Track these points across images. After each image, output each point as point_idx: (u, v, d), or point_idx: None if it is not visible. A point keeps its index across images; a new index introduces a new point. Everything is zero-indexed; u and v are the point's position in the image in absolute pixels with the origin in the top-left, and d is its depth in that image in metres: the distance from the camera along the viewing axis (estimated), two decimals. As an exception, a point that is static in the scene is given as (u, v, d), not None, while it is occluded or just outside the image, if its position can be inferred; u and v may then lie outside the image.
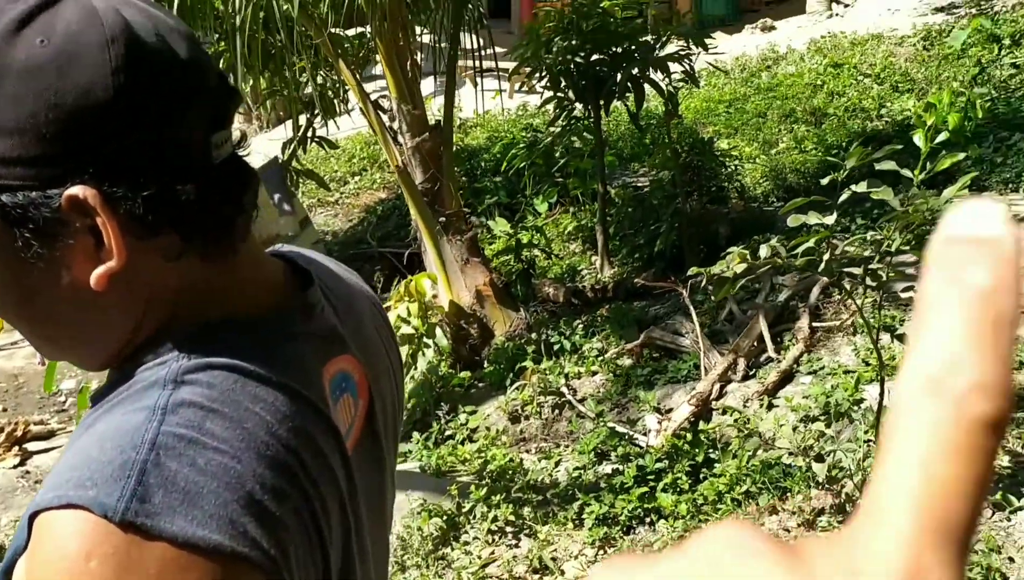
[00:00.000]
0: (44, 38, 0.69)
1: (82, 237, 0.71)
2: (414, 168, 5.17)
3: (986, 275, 0.21)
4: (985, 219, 0.22)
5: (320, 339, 0.85)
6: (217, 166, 0.76)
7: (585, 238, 7.08)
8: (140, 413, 0.71)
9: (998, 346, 0.20)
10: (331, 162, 9.69)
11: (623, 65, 5.82)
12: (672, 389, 4.52)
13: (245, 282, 0.82)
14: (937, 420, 0.20)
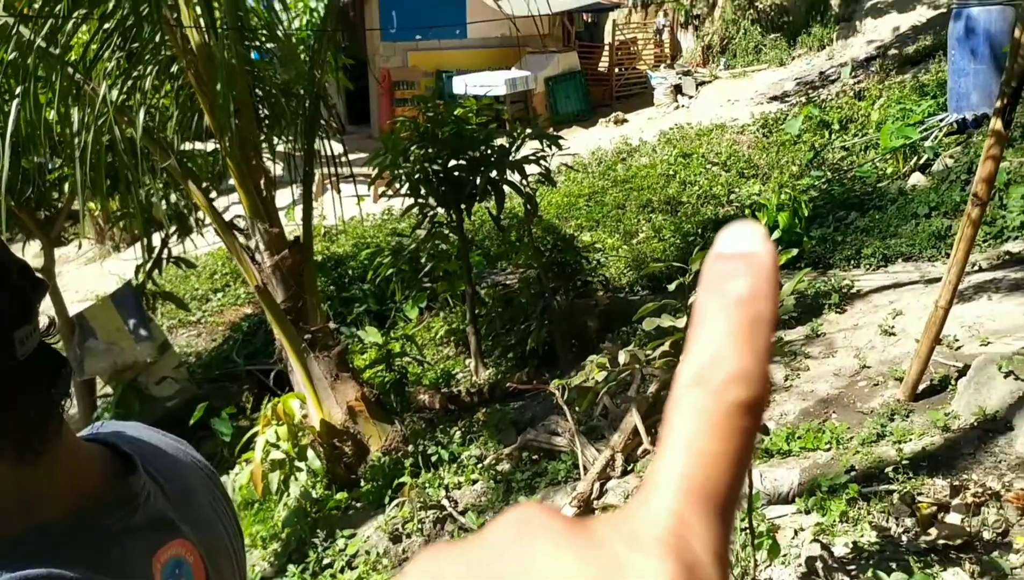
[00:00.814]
0: None
1: None
2: (275, 287, 5.03)
3: (744, 285, 0.25)
4: (746, 238, 0.25)
5: (147, 529, 0.82)
6: (22, 363, 0.72)
7: (458, 341, 7.05)
8: None
9: (755, 344, 0.24)
10: (191, 280, 9.38)
11: (481, 169, 5.92)
12: (553, 491, 4.46)
13: (61, 483, 0.78)
14: (702, 406, 0.23)
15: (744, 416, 0.23)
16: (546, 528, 0.23)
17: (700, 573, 0.22)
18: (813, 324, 5.30)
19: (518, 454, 4.79)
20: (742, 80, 14.51)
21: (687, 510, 0.23)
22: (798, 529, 3.38)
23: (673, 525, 0.23)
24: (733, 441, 0.23)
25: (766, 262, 0.25)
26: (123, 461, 0.84)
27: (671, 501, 0.23)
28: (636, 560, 0.22)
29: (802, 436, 4.13)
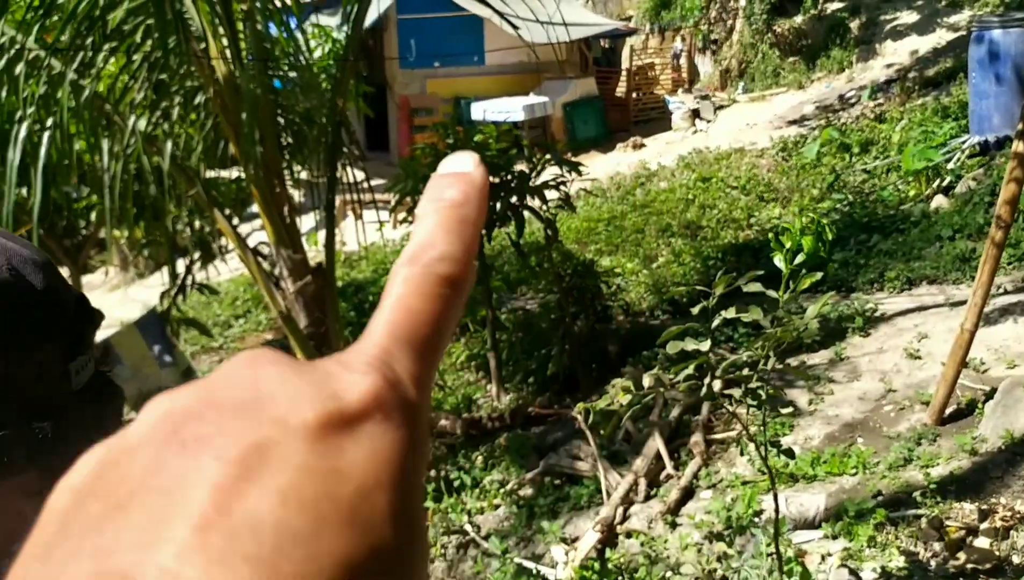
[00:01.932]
0: None
1: None
2: (298, 312, 5.07)
3: (456, 193, 0.30)
4: (461, 162, 0.31)
5: None
6: (77, 394, 0.73)
7: (478, 366, 7.06)
8: None
9: (463, 236, 0.29)
10: (213, 307, 9.46)
11: (501, 195, 5.95)
12: (576, 516, 4.45)
13: None
14: (413, 275, 0.28)
15: (447, 286, 0.28)
16: (272, 359, 0.26)
17: (401, 389, 0.26)
18: (837, 348, 5.27)
19: (540, 479, 4.78)
20: (760, 104, 14.54)
21: (392, 345, 0.27)
22: (825, 554, 3.35)
23: (379, 352, 0.26)
24: (436, 303, 0.28)
25: (476, 177, 0.31)
26: None
27: (378, 338, 0.27)
28: (346, 375, 0.25)
29: (827, 461, 4.10)
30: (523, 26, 5.70)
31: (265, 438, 0.24)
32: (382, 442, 0.25)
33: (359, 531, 0.23)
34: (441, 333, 0.28)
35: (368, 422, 0.25)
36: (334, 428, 0.24)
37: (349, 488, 0.23)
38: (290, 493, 0.23)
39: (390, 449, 0.25)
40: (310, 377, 0.25)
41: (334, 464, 0.24)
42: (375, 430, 0.25)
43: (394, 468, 0.25)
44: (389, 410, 0.25)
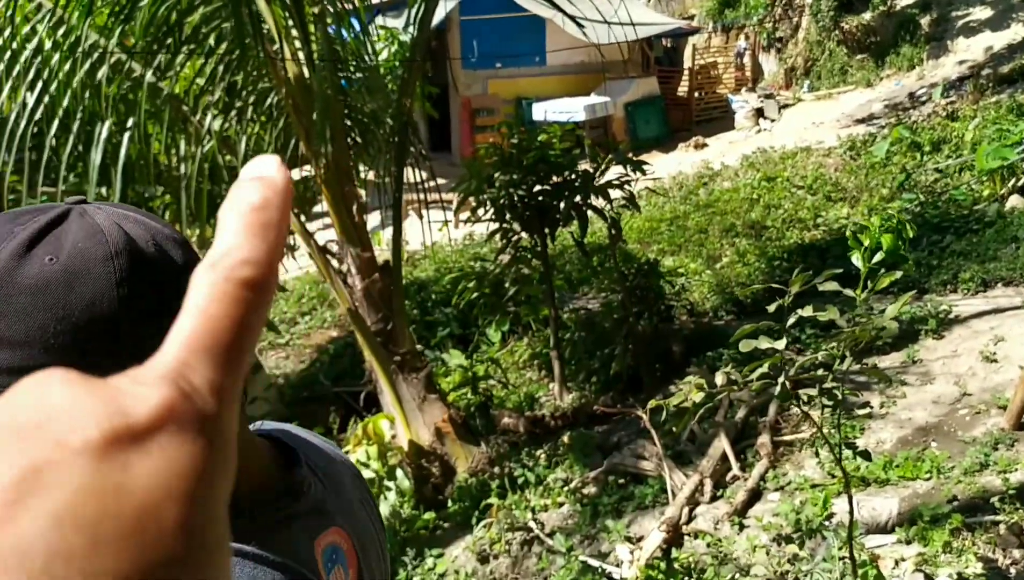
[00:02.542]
0: (52, 256, 0.73)
1: None
2: (365, 309, 5.15)
3: (258, 196, 0.30)
4: (263, 166, 0.31)
5: (309, 517, 0.88)
6: None
7: (541, 365, 7.07)
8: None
9: (266, 239, 0.29)
10: (280, 304, 9.65)
11: (565, 194, 5.96)
12: (641, 515, 4.43)
13: (241, 466, 0.84)
14: (213, 281, 0.28)
15: (248, 290, 0.28)
16: (63, 378, 0.26)
17: (197, 399, 0.26)
18: (910, 350, 5.16)
19: (604, 477, 4.78)
20: (827, 102, 14.28)
21: (190, 356, 0.27)
22: (899, 559, 3.29)
23: (174, 365, 0.26)
24: (237, 308, 0.28)
25: (278, 181, 0.31)
26: (286, 455, 0.92)
27: (175, 349, 0.27)
28: (136, 389, 0.25)
29: (900, 464, 4.02)
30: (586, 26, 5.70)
31: (44, 460, 0.23)
32: (174, 455, 0.25)
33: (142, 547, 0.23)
34: (244, 338, 0.28)
35: (159, 435, 0.25)
36: (120, 444, 0.24)
37: (133, 504, 0.23)
38: (65, 514, 0.22)
39: (182, 462, 0.25)
40: (99, 394, 0.25)
41: (118, 480, 0.23)
42: (167, 443, 0.25)
43: (186, 481, 0.25)
44: (182, 422, 0.25)
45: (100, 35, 4.81)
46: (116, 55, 4.80)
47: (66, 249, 0.74)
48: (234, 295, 0.28)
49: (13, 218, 0.76)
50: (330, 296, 9.68)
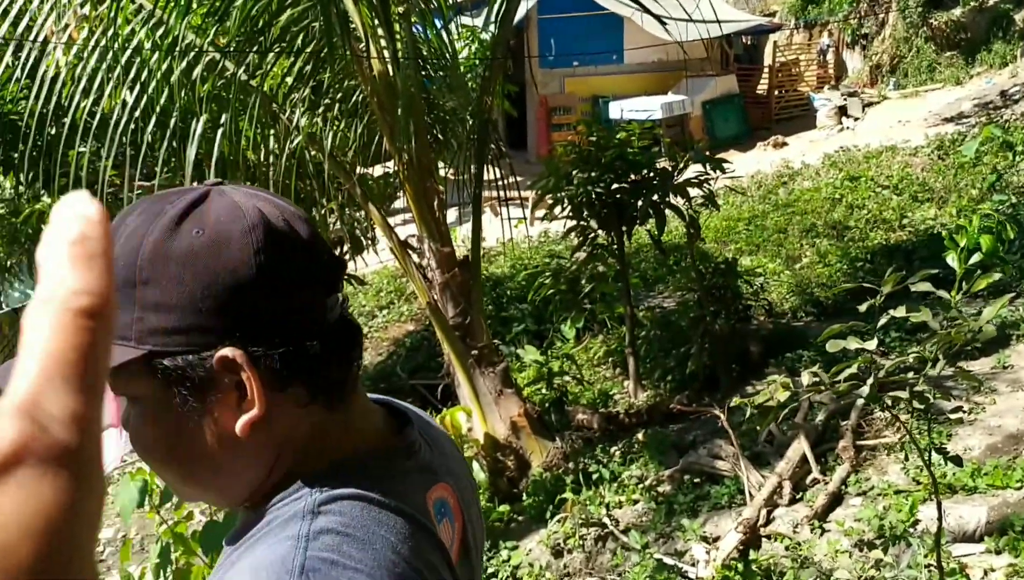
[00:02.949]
0: (199, 229, 0.83)
1: (229, 391, 0.84)
2: (444, 303, 5.23)
3: (74, 232, 0.31)
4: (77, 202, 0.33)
5: (420, 473, 0.96)
6: (331, 325, 0.88)
7: (615, 363, 7.07)
8: (286, 542, 0.80)
9: (95, 269, 0.30)
10: (359, 297, 9.84)
11: (643, 192, 5.95)
12: (717, 516, 4.41)
13: (358, 426, 0.94)
14: (52, 314, 0.29)
15: (88, 318, 0.29)
16: None
17: (55, 430, 0.26)
18: (1000, 356, 5.01)
19: (680, 476, 4.77)
20: (913, 100, 13.88)
21: (42, 387, 0.27)
22: (988, 569, 3.21)
23: (27, 398, 0.27)
24: (83, 336, 0.29)
25: (91, 214, 0.32)
26: (398, 419, 1.00)
27: (26, 383, 0.28)
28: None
29: (989, 472, 3.91)
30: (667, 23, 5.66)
31: None
32: (32, 491, 0.25)
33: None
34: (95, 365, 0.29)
35: (15, 472, 0.25)
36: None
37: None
38: None
39: (41, 497, 0.25)
40: None
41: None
42: (24, 479, 0.25)
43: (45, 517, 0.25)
44: (40, 456, 0.26)
45: (196, 35, 4.99)
46: (210, 54, 4.98)
47: (211, 223, 0.83)
48: (76, 324, 0.29)
49: (161, 198, 0.86)
50: (407, 291, 9.84)
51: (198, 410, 0.84)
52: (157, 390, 0.84)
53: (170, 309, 0.82)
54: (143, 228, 0.84)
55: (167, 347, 0.83)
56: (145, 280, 0.82)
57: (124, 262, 0.83)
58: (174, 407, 0.84)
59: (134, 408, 0.88)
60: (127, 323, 0.83)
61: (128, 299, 0.83)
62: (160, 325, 0.82)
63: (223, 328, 0.82)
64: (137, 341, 0.83)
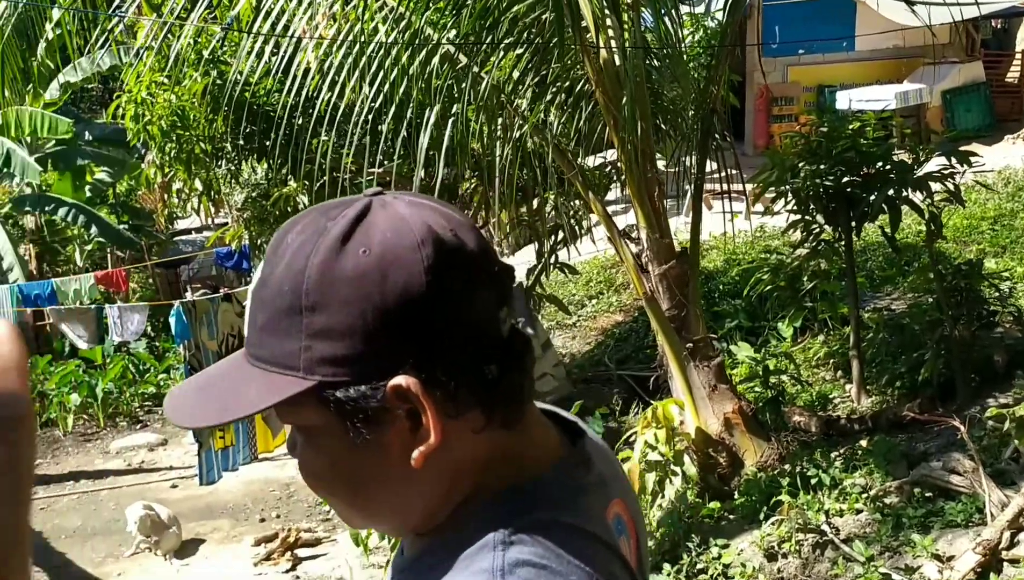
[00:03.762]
0: (365, 248, 0.78)
1: (402, 421, 0.79)
2: (661, 295, 5.20)
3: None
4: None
5: (598, 487, 0.91)
6: (506, 339, 0.83)
7: (836, 365, 6.74)
8: (479, 576, 0.76)
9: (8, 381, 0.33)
10: (569, 286, 9.97)
11: (878, 186, 5.62)
12: (951, 533, 4.11)
13: (536, 442, 0.89)
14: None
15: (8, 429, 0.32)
16: None
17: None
18: None
19: (910, 488, 4.48)
20: None
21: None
22: None
23: None
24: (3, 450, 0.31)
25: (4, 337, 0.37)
26: (568, 429, 0.95)
27: None
28: None
29: None
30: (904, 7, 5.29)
31: None
32: None
33: None
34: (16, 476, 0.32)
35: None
36: None
37: None
38: None
39: None
40: None
41: None
42: None
43: None
44: None
45: (433, 29, 5.25)
46: (445, 47, 5.21)
47: (376, 240, 0.78)
48: None
49: (322, 213, 0.81)
50: (617, 281, 9.86)
51: (370, 441, 0.80)
52: (328, 420, 0.80)
53: (340, 336, 0.77)
54: (307, 249, 0.79)
55: (337, 378, 0.78)
56: (312, 306, 0.78)
57: (289, 287, 0.79)
58: (345, 437, 0.80)
59: (301, 436, 0.85)
60: (293, 352, 0.79)
61: (293, 326, 0.79)
62: (329, 354, 0.78)
63: (396, 354, 0.77)
64: (305, 371, 0.78)
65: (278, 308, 0.80)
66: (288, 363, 0.79)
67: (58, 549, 6.74)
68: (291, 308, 0.78)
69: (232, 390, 0.83)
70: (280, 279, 0.80)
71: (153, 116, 5.83)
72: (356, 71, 4.99)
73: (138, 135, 6.00)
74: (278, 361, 0.80)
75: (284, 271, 0.80)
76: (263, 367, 0.81)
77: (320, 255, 0.78)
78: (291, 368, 0.79)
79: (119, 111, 6.08)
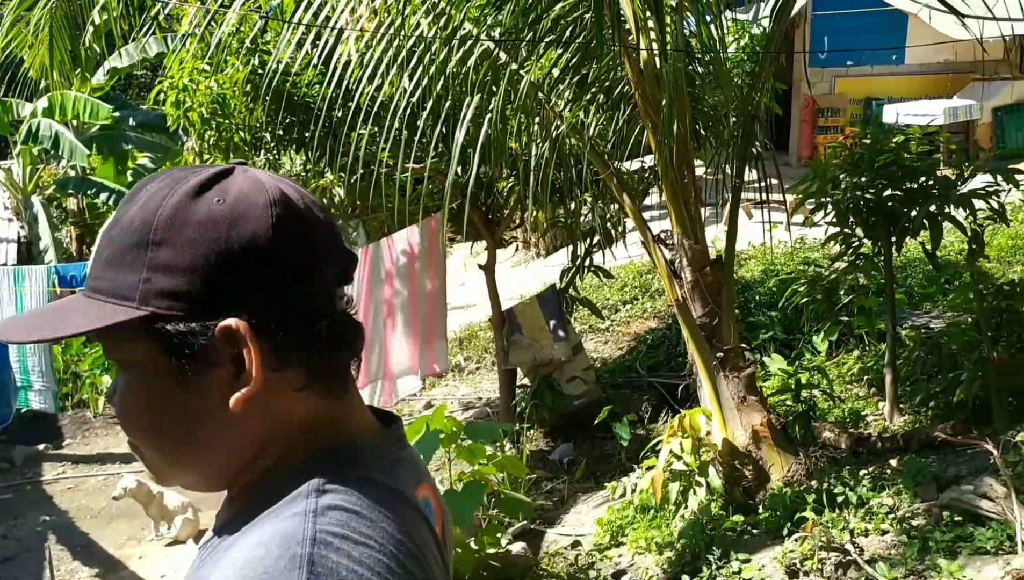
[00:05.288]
0: (220, 198, 0.83)
1: (227, 365, 0.82)
2: (693, 302, 5.13)
3: None
4: None
5: (411, 466, 0.96)
6: (338, 314, 0.89)
7: (871, 382, 6.61)
8: (293, 519, 0.79)
9: None
10: (603, 290, 9.91)
11: (920, 201, 5.50)
12: (980, 560, 3.99)
13: (356, 414, 0.94)
14: None
15: None
16: None
17: None
18: None
19: (938, 511, 4.37)
20: None
21: None
22: None
23: None
24: None
25: None
26: (382, 417, 1.00)
27: None
28: None
29: None
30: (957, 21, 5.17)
31: None
32: None
33: None
34: None
35: None
36: None
37: None
38: None
39: None
40: None
41: None
42: None
43: None
44: None
45: (473, 25, 5.23)
46: (485, 43, 5.19)
47: (232, 193, 0.83)
48: None
49: (186, 170, 0.87)
50: (652, 287, 9.77)
51: (193, 380, 0.82)
52: (153, 356, 0.82)
53: (180, 272, 0.80)
54: (164, 192, 0.83)
55: (171, 311, 0.81)
56: (159, 241, 0.81)
57: (140, 223, 0.82)
58: (168, 375, 0.82)
59: (124, 374, 0.86)
60: (132, 284, 0.82)
61: (138, 260, 0.81)
62: (166, 287, 0.81)
63: (231, 298, 0.81)
64: (140, 302, 0.81)
65: (125, 243, 0.83)
66: (124, 294, 0.82)
67: (82, 529, 6.83)
68: (139, 242, 0.82)
69: (62, 317, 0.85)
70: (132, 216, 0.84)
71: (194, 103, 5.89)
72: (395, 65, 4.98)
73: (178, 121, 6.06)
74: (115, 292, 0.83)
75: (138, 210, 0.83)
76: (99, 298, 0.84)
77: (176, 197, 0.83)
78: (127, 299, 0.82)
79: (161, 96, 6.14)
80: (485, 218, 7.27)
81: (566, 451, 7.06)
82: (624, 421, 6.59)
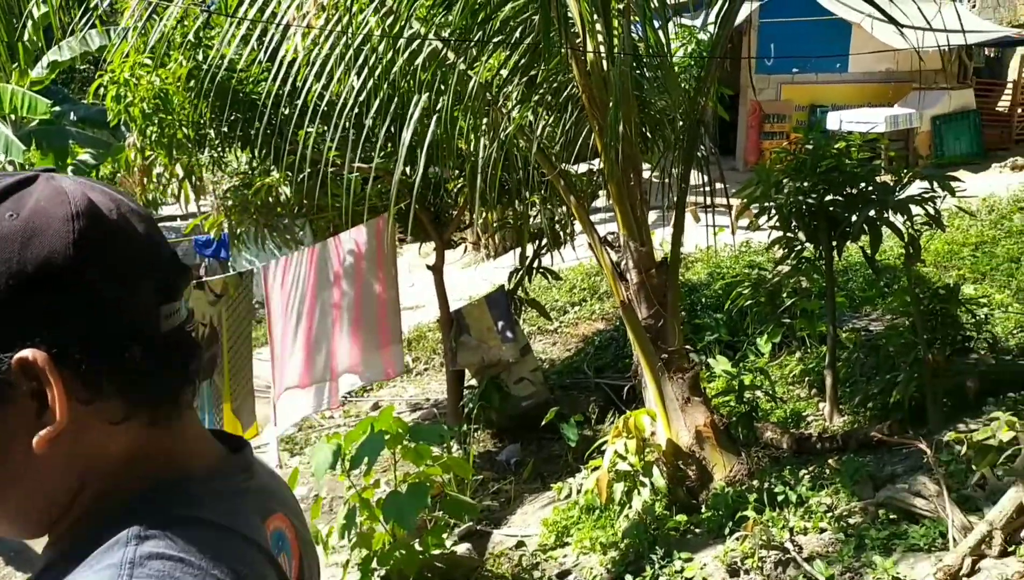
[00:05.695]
0: (14, 212, 0.73)
1: (26, 400, 0.72)
2: (638, 304, 5.17)
3: None
4: None
5: (260, 496, 0.88)
6: (164, 335, 0.79)
7: (811, 383, 6.73)
8: (107, 571, 0.70)
9: None
10: (552, 292, 9.94)
11: (859, 206, 5.61)
12: (913, 557, 4.09)
13: (191, 443, 0.85)
14: None
15: None
16: None
17: None
18: None
19: (874, 510, 4.47)
20: None
21: None
22: None
23: None
24: None
25: None
26: (232, 444, 0.93)
27: None
28: None
29: None
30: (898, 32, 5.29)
31: None
32: None
33: None
34: None
35: None
36: None
37: None
38: None
39: None
40: None
41: None
42: None
43: None
44: None
45: (421, 24, 5.20)
46: (432, 43, 5.17)
47: (28, 207, 0.74)
48: None
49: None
50: (600, 289, 9.84)
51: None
52: None
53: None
54: None
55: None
56: None
57: None
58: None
59: None
60: None
61: None
62: None
63: (27, 326, 0.72)
64: None
65: None
66: None
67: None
68: None
69: None
70: None
71: (135, 98, 5.76)
72: (343, 63, 4.94)
73: (119, 116, 5.92)
74: None
75: None
76: None
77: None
78: None
79: (101, 91, 6.00)
80: (433, 218, 7.24)
81: (513, 452, 7.06)
82: (572, 422, 6.61)
